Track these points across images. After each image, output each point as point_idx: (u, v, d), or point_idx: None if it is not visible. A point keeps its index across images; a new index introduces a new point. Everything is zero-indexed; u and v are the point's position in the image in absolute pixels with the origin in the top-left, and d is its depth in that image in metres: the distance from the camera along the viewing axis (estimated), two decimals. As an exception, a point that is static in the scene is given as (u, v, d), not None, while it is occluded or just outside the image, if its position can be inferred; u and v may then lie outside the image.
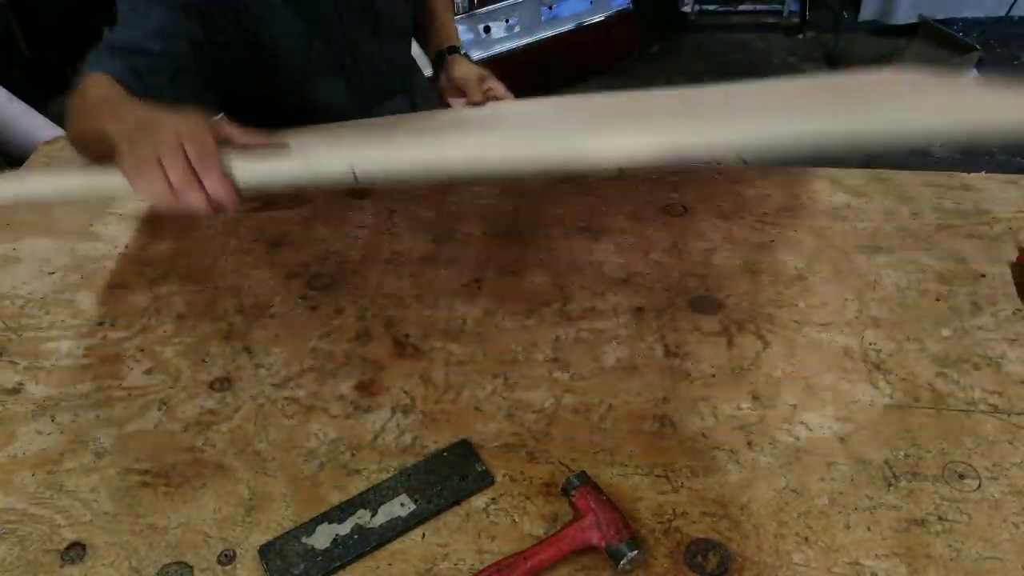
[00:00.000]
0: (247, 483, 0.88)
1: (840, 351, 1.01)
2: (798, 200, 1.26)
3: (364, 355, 1.04)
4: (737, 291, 1.10)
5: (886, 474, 0.87)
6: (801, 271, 1.13)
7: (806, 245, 1.17)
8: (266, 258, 1.18)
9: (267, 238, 1.21)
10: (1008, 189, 1.25)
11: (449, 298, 1.10)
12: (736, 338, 1.03)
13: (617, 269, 1.14)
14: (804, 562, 0.80)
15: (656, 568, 0.80)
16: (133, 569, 0.81)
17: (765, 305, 1.08)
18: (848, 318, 1.05)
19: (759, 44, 3.54)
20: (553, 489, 0.87)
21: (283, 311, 1.10)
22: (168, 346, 1.06)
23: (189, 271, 1.17)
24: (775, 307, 1.07)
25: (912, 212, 1.22)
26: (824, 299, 1.08)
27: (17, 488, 0.88)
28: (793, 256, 1.16)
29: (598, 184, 1.30)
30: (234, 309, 1.10)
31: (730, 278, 1.12)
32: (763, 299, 1.09)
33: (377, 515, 0.84)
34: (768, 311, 1.07)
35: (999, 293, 1.08)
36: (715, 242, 1.19)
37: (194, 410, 0.97)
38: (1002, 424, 0.92)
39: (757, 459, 0.89)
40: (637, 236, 1.19)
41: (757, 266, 1.14)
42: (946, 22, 3.36)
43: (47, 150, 1.37)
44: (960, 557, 0.80)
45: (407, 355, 1.03)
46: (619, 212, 1.24)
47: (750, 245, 1.18)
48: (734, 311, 1.07)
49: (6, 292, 1.11)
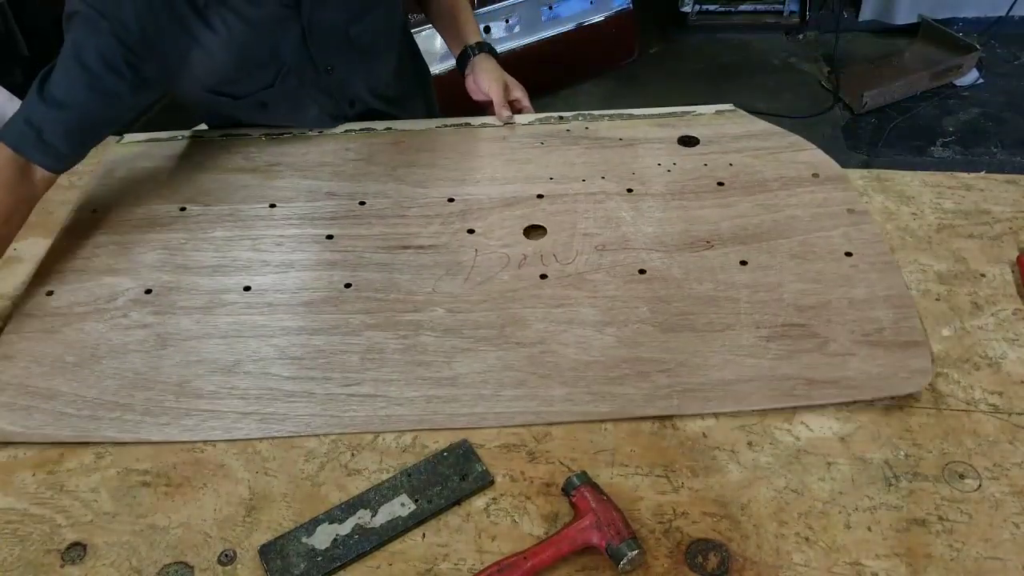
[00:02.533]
0: (247, 483, 0.88)
1: (840, 351, 1.01)
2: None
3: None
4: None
5: (886, 474, 0.87)
6: (801, 271, 1.13)
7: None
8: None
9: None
10: (1008, 189, 1.25)
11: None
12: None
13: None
14: (804, 562, 0.80)
15: (656, 568, 0.80)
16: (133, 569, 0.81)
17: (765, 305, 1.08)
18: (848, 318, 1.05)
19: (759, 44, 3.54)
20: (553, 489, 0.87)
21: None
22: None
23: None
24: (775, 307, 1.07)
25: (912, 212, 1.22)
26: (824, 299, 1.08)
27: (17, 488, 0.88)
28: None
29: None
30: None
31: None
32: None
33: (377, 515, 0.84)
34: (768, 311, 1.07)
35: (999, 293, 1.08)
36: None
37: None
38: (1002, 424, 0.92)
39: (757, 459, 0.89)
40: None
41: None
42: (946, 22, 3.36)
43: (47, 150, 1.37)
44: (960, 557, 0.80)
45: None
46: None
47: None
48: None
49: (6, 292, 1.11)
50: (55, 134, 1.10)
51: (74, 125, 1.12)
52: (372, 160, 1.30)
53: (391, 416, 0.93)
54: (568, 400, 0.94)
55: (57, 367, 0.99)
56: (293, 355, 1.00)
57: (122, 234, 1.18)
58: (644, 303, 1.04)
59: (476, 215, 1.19)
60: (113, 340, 1.02)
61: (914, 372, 0.94)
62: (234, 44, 1.16)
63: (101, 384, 0.97)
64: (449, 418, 0.93)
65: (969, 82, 3.18)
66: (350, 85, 1.34)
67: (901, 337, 0.98)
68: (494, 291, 1.07)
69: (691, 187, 1.22)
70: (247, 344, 1.01)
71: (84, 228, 1.20)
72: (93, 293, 1.09)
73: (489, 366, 0.98)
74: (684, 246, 1.12)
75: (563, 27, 3.15)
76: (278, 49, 1.21)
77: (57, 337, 1.03)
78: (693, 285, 1.06)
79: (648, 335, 1.00)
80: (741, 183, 1.22)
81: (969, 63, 3.16)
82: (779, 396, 0.93)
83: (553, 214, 1.18)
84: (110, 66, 1.09)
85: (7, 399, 0.96)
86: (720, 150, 1.29)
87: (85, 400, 0.96)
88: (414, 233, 1.16)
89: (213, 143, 1.35)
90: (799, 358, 0.97)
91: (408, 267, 1.11)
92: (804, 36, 3.57)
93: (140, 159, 1.32)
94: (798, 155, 1.27)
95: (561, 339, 1.00)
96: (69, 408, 0.95)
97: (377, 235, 1.16)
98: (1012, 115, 3.03)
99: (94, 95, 1.11)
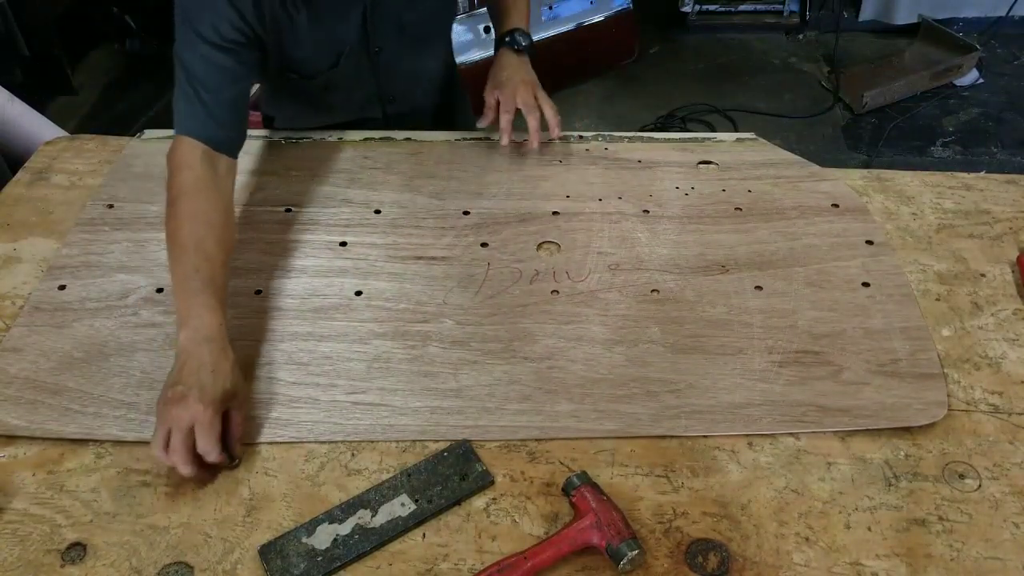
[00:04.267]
0: (247, 483, 0.88)
1: (840, 351, 1.01)
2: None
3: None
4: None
5: (886, 474, 0.87)
6: (801, 271, 1.13)
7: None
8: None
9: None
10: (1008, 189, 1.25)
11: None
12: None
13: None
14: (804, 562, 0.80)
15: (656, 568, 0.80)
16: (133, 569, 0.81)
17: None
18: (848, 318, 1.05)
19: (759, 44, 3.53)
20: (553, 489, 0.87)
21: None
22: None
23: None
24: (775, 307, 1.07)
25: (912, 212, 1.22)
26: (824, 299, 1.08)
27: (17, 488, 0.88)
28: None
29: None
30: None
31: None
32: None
33: (378, 515, 0.84)
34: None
35: (999, 293, 1.08)
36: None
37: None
38: (1002, 424, 0.92)
39: (757, 459, 0.89)
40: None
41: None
42: (946, 22, 3.35)
43: (48, 150, 1.37)
44: (960, 557, 0.80)
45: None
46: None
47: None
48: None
49: (6, 292, 1.11)
50: (224, 124, 1.09)
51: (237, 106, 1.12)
52: (390, 169, 1.30)
53: (394, 425, 0.93)
54: (573, 416, 0.94)
55: (65, 363, 1.00)
56: (299, 360, 1.00)
57: (136, 231, 1.18)
58: (655, 323, 1.04)
59: (490, 229, 1.19)
60: (122, 338, 1.03)
61: (929, 404, 0.93)
62: (317, 22, 1.17)
63: (107, 382, 0.97)
64: (452, 429, 0.93)
65: (969, 82, 3.18)
66: (395, 71, 1.34)
67: (917, 369, 0.97)
68: (504, 305, 1.07)
69: (708, 211, 1.22)
70: (254, 348, 1.01)
71: (99, 223, 1.20)
72: (105, 290, 1.09)
73: (495, 379, 0.97)
74: (699, 269, 1.12)
75: (563, 27, 3.15)
76: (344, 29, 1.22)
77: (67, 332, 1.03)
78: (706, 308, 1.06)
79: (658, 355, 1.00)
80: (759, 209, 1.22)
81: (969, 63, 3.16)
82: (789, 422, 0.92)
83: (568, 231, 1.18)
84: (233, 43, 1.09)
85: (14, 392, 0.96)
86: (739, 176, 1.28)
87: (91, 397, 0.96)
88: (427, 244, 1.16)
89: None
90: (812, 385, 0.96)
91: (420, 278, 1.11)
92: (804, 36, 3.57)
93: (159, 155, 1.31)
94: (818, 185, 1.26)
95: (569, 355, 1.00)
96: (74, 404, 0.95)
97: (390, 244, 1.16)
98: (1012, 115, 3.03)
99: (226, 78, 1.09)
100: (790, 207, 1.22)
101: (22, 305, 1.07)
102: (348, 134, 1.38)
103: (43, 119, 2.38)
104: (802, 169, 1.30)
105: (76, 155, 1.36)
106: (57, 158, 1.35)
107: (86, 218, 1.21)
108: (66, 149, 1.38)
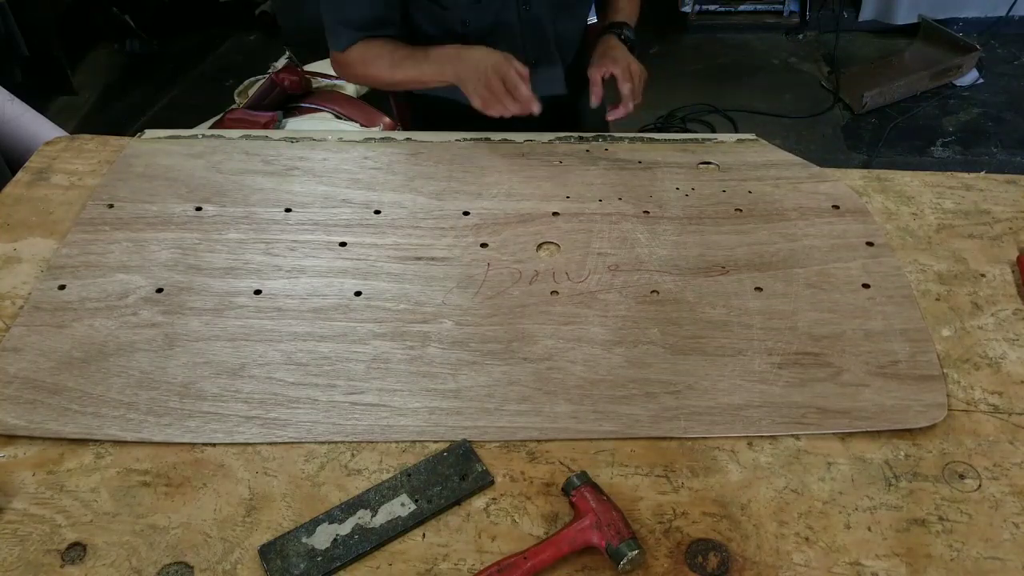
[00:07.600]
0: (247, 483, 0.88)
1: (840, 351, 1.01)
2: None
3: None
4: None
5: (886, 474, 0.87)
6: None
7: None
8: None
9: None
10: (1008, 189, 1.25)
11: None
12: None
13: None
14: (804, 562, 0.80)
15: (656, 568, 0.80)
16: (133, 569, 0.81)
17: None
18: (848, 318, 1.05)
19: (759, 44, 3.53)
20: (553, 489, 0.87)
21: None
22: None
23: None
24: (775, 307, 1.07)
25: (912, 212, 1.22)
26: (824, 299, 1.08)
27: (17, 488, 0.88)
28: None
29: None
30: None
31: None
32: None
33: (377, 515, 0.84)
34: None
35: (999, 293, 1.08)
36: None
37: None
38: (1002, 424, 0.92)
39: (757, 459, 0.89)
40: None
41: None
42: (946, 22, 3.35)
43: (47, 150, 1.37)
44: (960, 557, 0.80)
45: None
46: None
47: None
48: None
49: (6, 292, 1.11)
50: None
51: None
52: (390, 169, 1.30)
53: (393, 426, 0.93)
54: (572, 417, 0.94)
55: (64, 363, 0.99)
56: (299, 361, 1.00)
57: (137, 231, 1.18)
58: (655, 324, 1.04)
59: (490, 229, 1.19)
60: (121, 338, 1.03)
61: (929, 406, 0.93)
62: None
63: (107, 382, 0.97)
64: (451, 430, 0.93)
65: (969, 82, 3.18)
66: (539, 32, 1.37)
67: (917, 371, 0.97)
68: (504, 306, 1.07)
69: (708, 212, 1.21)
70: (254, 348, 1.01)
71: (99, 223, 1.20)
72: (105, 289, 1.09)
73: (495, 380, 0.97)
74: (699, 270, 1.12)
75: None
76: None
77: (66, 332, 1.03)
78: (706, 309, 1.06)
79: (657, 356, 1.00)
80: (759, 211, 1.21)
81: (969, 63, 3.16)
82: (788, 424, 0.92)
83: (568, 232, 1.18)
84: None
85: (13, 392, 0.96)
86: (740, 177, 1.28)
87: (90, 397, 0.96)
88: (427, 244, 1.16)
89: (232, 144, 1.35)
90: (811, 387, 0.96)
91: (419, 278, 1.11)
92: (804, 36, 3.57)
93: (159, 155, 1.32)
94: (819, 186, 1.26)
95: (568, 356, 1.00)
96: (74, 404, 0.95)
97: (390, 244, 1.16)
98: (1012, 115, 3.03)
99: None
100: (790, 208, 1.22)
101: (22, 305, 1.07)
102: (348, 134, 1.37)
103: (43, 119, 2.38)
104: (803, 170, 1.30)
105: (76, 155, 1.36)
106: (57, 158, 1.35)
107: (86, 218, 1.20)
108: (66, 149, 1.38)
